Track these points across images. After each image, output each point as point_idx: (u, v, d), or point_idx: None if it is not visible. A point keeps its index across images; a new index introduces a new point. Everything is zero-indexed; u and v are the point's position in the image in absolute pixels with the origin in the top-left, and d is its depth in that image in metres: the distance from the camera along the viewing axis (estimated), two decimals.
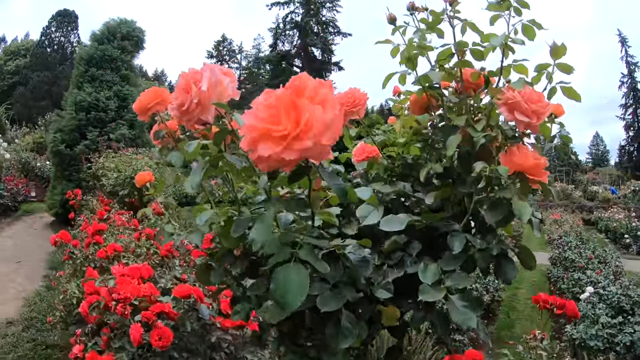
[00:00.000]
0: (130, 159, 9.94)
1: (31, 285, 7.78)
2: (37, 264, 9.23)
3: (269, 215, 1.17)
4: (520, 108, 1.34)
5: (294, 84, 1.09)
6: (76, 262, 4.88)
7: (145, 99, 1.55)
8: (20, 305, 6.80)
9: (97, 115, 13.02)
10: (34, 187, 18.65)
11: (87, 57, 13.95)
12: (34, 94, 51.80)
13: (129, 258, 4.58)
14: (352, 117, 1.71)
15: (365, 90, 1.71)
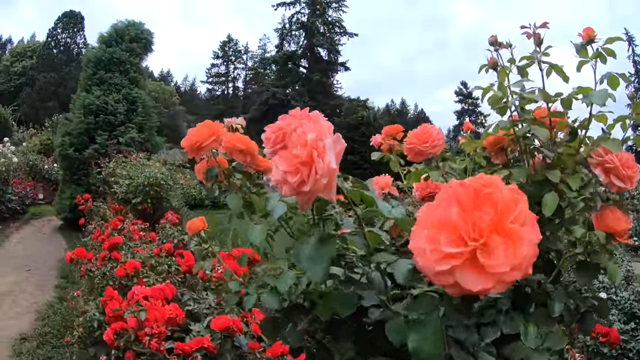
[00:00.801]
0: (142, 165, 9.77)
1: (43, 296, 7.60)
2: (47, 272, 9.07)
3: (435, 320, 0.99)
4: (618, 173, 1.29)
5: (489, 198, 0.79)
6: (94, 281, 4.70)
7: (199, 135, 1.35)
8: (34, 319, 6.62)
9: (106, 118, 12.87)
10: (42, 189, 18.66)
11: (95, 60, 13.81)
12: (40, 95, 52.24)
13: (149, 276, 4.40)
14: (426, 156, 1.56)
15: (437, 131, 1.58)
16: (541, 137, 1.35)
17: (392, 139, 1.96)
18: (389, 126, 1.98)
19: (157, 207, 8.98)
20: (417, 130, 1.58)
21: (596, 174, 1.31)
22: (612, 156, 1.28)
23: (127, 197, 8.76)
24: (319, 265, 0.99)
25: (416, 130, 1.57)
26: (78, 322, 4.29)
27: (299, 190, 0.93)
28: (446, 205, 0.77)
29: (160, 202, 8.98)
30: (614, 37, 1.44)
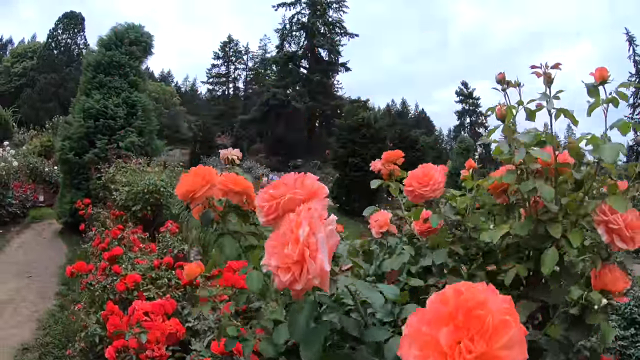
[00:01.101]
0: (142, 171, 9.75)
1: (44, 304, 7.60)
2: (48, 279, 9.04)
3: None
4: (621, 234, 1.27)
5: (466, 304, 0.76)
6: (94, 294, 4.70)
7: (191, 185, 1.32)
8: (35, 328, 6.61)
9: (106, 122, 12.81)
10: (42, 191, 18.60)
11: (95, 64, 13.76)
12: (41, 95, 52.42)
13: (149, 289, 4.40)
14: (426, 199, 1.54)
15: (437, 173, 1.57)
16: (546, 196, 1.33)
17: (392, 164, 1.96)
18: (389, 152, 1.99)
19: (157, 214, 8.96)
20: (417, 171, 1.55)
21: (598, 232, 1.29)
22: (617, 216, 1.25)
23: (126, 204, 8.73)
24: (313, 347, 0.97)
25: (416, 172, 1.55)
26: (80, 336, 4.29)
27: (291, 287, 0.91)
28: (435, 325, 0.74)
29: (160, 209, 8.96)
30: (628, 82, 1.46)
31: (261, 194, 1.15)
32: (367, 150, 23.65)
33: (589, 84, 1.48)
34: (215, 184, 1.33)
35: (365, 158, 23.40)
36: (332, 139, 26.10)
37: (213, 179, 1.33)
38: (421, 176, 1.53)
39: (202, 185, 1.31)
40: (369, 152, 23.52)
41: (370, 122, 24.10)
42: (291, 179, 1.13)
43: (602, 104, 1.46)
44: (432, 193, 1.50)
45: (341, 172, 24.69)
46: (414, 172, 1.57)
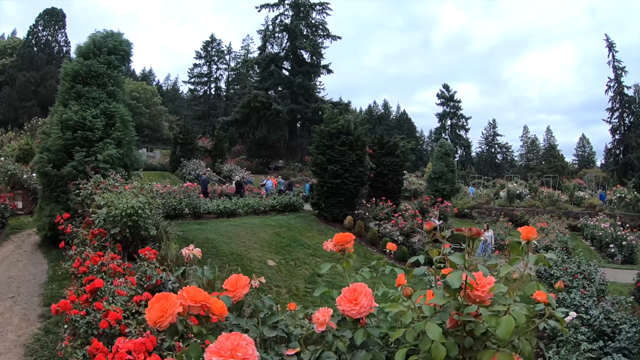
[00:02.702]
0: (119, 194, 9.74)
1: (28, 327, 7.66)
2: (31, 299, 9.08)
3: None
4: None
5: None
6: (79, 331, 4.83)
7: (157, 317, 1.60)
8: (22, 354, 6.68)
9: (84, 134, 12.66)
10: (20, 198, 18.40)
11: (73, 73, 13.56)
12: (20, 94, 51.48)
13: (130, 324, 4.54)
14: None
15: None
16: (434, 336, 1.55)
17: (343, 245, 2.17)
18: (340, 235, 2.19)
19: (135, 235, 9.00)
20: (347, 294, 1.82)
21: None
22: None
23: (105, 226, 8.72)
24: None
25: (347, 294, 1.82)
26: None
27: None
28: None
29: (138, 230, 8.97)
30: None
31: (207, 353, 1.48)
32: (346, 157, 23.67)
33: (513, 241, 1.72)
34: (175, 313, 1.60)
35: (345, 165, 23.55)
36: (312, 145, 25.92)
37: (174, 309, 1.60)
38: (350, 299, 1.79)
39: (166, 317, 1.59)
40: (348, 159, 23.64)
41: (349, 129, 23.97)
42: (228, 346, 1.49)
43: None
44: (359, 314, 1.77)
45: (320, 179, 24.50)
46: (345, 292, 1.82)
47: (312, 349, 1.84)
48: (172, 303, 1.59)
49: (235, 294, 1.95)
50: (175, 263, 7.98)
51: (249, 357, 1.45)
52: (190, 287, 1.69)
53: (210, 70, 69.76)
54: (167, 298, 1.61)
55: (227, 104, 65.96)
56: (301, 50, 55.09)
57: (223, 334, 1.52)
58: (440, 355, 1.49)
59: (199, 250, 2.31)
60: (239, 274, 2.04)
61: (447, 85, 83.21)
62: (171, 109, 76.26)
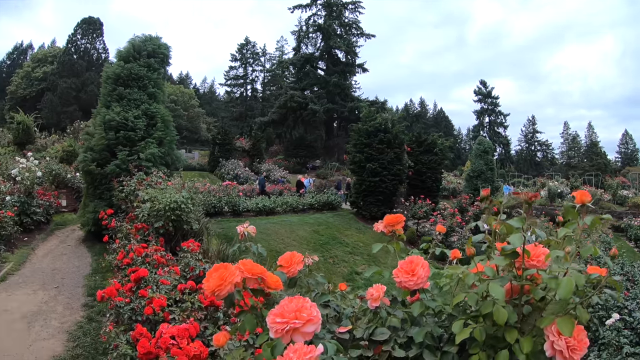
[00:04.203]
0: (163, 189, 10.03)
1: (72, 315, 7.89)
2: (75, 289, 9.37)
3: None
4: (562, 355, 1.42)
5: None
6: (123, 317, 4.98)
7: (216, 286, 1.59)
8: (65, 340, 6.88)
9: (126, 134, 13.17)
10: (65, 196, 19.12)
11: (114, 76, 14.11)
12: (61, 99, 53.89)
13: (174, 312, 4.65)
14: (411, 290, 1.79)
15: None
16: (498, 296, 1.50)
17: (393, 226, 2.15)
18: (390, 216, 2.16)
19: (178, 228, 9.24)
20: (404, 265, 1.77)
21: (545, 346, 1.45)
22: (562, 341, 1.42)
23: (149, 220, 9.02)
24: None
25: (404, 265, 1.77)
26: (112, 355, 4.56)
27: None
28: None
29: (181, 224, 9.20)
30: None
31: (270, 316, 1.47)
32: (384, 155, 23.43)
33: (567, 205, 1.64)
34: (234, 282, 1.59)
35: (383, 163, 23.37)
36: (350, 143, 25.68)
37: (232, 278, 1.59)
38: (407, 270, 1.74)
39: (225, 286, 1.58)
40: (386, 157, 23.42)
41: (387, 127, 23.59)
42: (292, 308, 1.48)
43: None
44: (416, 286, 1.73)
45: (358, 177, 24.36)
46: (402, 264, 1.77)
47: (365, 326, 1.82)
48: (231, 272, 1.60)
49: (290, 270, 1.95)
50: (217, 257, 8.13)
51: (314, 319, 1.46)
52: (247, 260, 1.71)
53: (246, 72, 70.47)
54: (226, 267, 1.62)
55: (264, 105, 66.56)
56: (336, 50, 54.91)
57: (285, 298, 1.53)
58: (502, 319, 1.46)
59: (254, 227, 2.31)
60: (294, 252, 2.05)
61: (484, 82, 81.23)
62: (208, 111, 77.34)
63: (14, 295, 8.80)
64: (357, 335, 1.78)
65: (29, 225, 14.18)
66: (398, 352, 1.65)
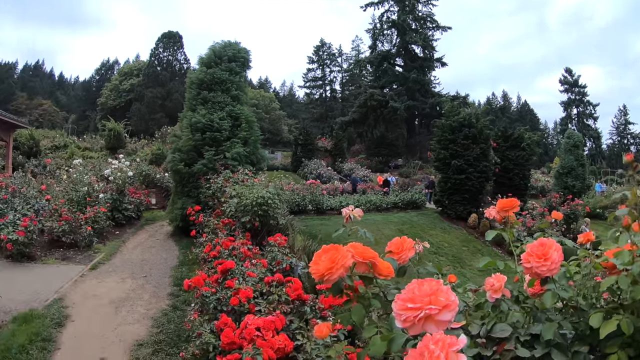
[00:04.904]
0: (250, 186, 10.26)
1: (158, 303, 8.18)
2: (161, 280, 9.73)
3: None
4: None
5: None
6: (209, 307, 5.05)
7: (326, 268, 1.44)
8: (149, 325, 7.12)
9: (212, 135, 13.72)
10: (154, 195, 20.55)
11: (198, 82, 14.79)
12: (148, 108, 58.30)
13: (260, 304, 4.65)
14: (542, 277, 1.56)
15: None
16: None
17: (507, 212, 1.97)
18: (504, 200, 1.99)
19: (264, 224, 9.39)
20: (535, 248, 1.54)
21: None
22: None
23: (236, 215, 9.27)
24: None
25: (534, 249, 1.54)
26: (195, 343, 4.63)
27: None
28: None
29: (267, 219, 9.36)
30: None
31: (398, 302, 1.27)
32: (469, 151, 22.28)
33: None
34: (346, 265, 1.43)
35: (469, 160, 22.22)
36: (434, 139, 24.83)
37: (345, 261, 1.43)
38: (539, 254, 1.51)
39: (337, 269, 1.43)
40: (472, 153, 22.28)
41: (471, 122, 22.49)
42: (426, 291, 1.25)
43: None
44: (549, 272, 1.50)
45: (443, 175, 23.30)
46: (532, 247, 1.55)
47: (480, 322, 1.61)
48: (343, 254, 1.43)
49: (401, 257, 1.73)
50: (303, 252, 8.16)
51: (451, 304, 1.22)
52: (356, 243, 1.54)
53: (323, 73, 70.97)
54: (337, 249, 1.46)
55: (344, 105, 66.56)
56: (412, 45, 53.59)
57: (414, 280, 1.33)
58: None
59: (360, 210, 2.11)
60: (404, 237, 1.83)
61: (569, 69, 74.30)
62: (289, 113, 78.61)
63: (104, 283, 9.30)
64: (472, 332, 1.58)
65: (121, 221, 15.26)
66: (522, 351, 1.42)
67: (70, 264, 10.64)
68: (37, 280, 9.15)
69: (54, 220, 11.83)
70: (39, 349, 6.01)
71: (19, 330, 6.37)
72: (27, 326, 6.55)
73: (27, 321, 6.74)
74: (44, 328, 6.61)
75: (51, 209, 12.38)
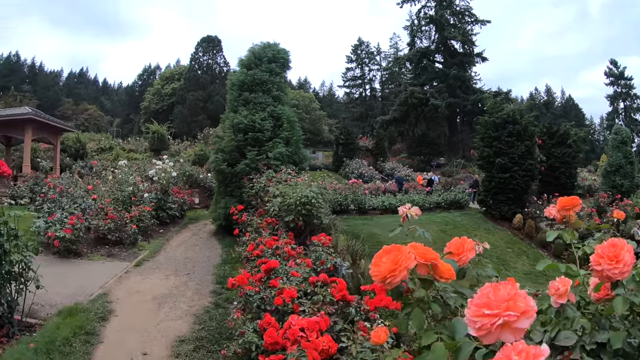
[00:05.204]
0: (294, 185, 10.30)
1: (200, 300, 8.27)
2: (204, 277, 9.87)
3: None
4: None
5: None
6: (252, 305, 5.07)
7: (388, 270, 1.38)
8: (191, 322, 7.21)
9: (254, 135, 13.85)
10: (197, 194, 21.06)
11: (239, 83, 14.96)
12: (190, 111, 60.23)
13: (304, 304, 4.64)
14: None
15: None
16: None
17: (567, 211, 1.90)
18: (564, 199, 1.92)
19: (307, 223, 9.42)
20: (606, 249, 1.47)
21: None
22: None
23: (279, 214, 9.36)
24: None
25: (605, 250, 1.47)
26: (237, 342, 4.67)
27: None
28: None
29: (311, 218, 9.39)
30: None
31: (472, 308, 1.21)
32: (514, 148, 21.38)
33: None
34: (409, 267, 1.38)
35: (513, 158, 21.36)
36: (477, 137, 24.05)
37: (408, 263, 1.37)
38: (611, 256, 1.43)
39: (400, 270, 1.37)
40: (516, 150, 21.36)
41: (515, 118, 21.59)
42: (503, 296, 1.18)
43: None
44: (620, 275, 1.42)
45: (487, 174, 22.53)
46: (603, 249, 1.47)
47: (542, 328, 1.52)
48: (406, 256, 1.37)
49: (461, 258, 1.67)
50: (347, 252, 8.13)
51: (530, 310, 1.14)
52: (417, 244, 1.48)
53: (362, 72, 70.82)
54: (400, 250, 1.39)
55: (384, 104, 66.17)
56: (451, 41, 52.63)
57: (487, 284, 1.26)
58: None
59: (418, 208, 2.07)
60: (464, 237, 1.78)
61: (614, 61, 69.67)
62: (329, 113, 78.68)
63: (148, 279, 9.52)
64: (535, 340, 1.49)
65: (165, 219, 15.68)
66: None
67: (115, 260, 11.01)
68: (82, 275, 9.51)
69: (100, 218, 12.36)
70: (82, 342, 6.17)
71: (63, 323, 6.55)
72: (71, 319, 6.74)
73: (72, 314, 6.94)
74: (88, 322, 6.81)
75: (97, 208, 12.95)
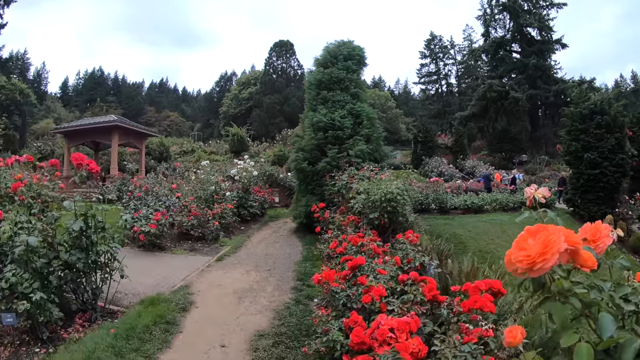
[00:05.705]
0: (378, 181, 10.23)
1: (280, 296, 8.31)
2: (285, 273, 9.96)
3: None
4: None
5: None
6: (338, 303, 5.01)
7: (537, 254, 1.20)
8: (271, 317, 7.24)
9: (335, 133, 13.92)
10: (277, 193, 21.84)
11: (316, 82, 15.09)
12: (267, 113, 62.24)
13: (393, 303, 4.52)
14: None
15: None
16: None
17: None
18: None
19: (392, 221, 9.32)
20: None
21: None
22: None
23: (363, 211, 9.32)
24: None
25: None
26: (321, 340, 4.65)
27: None
28: None
29: (396, 216, 9.28)
30: None
31: None
32: (603, 142, 19.36)
33: None
34: (561, 251, 1.21)
35: (603, 152, 19.33)
36: (563, 130, 21.97)
37: (560, 246, 1.19)
38: None
39: (552, 254, 1.18)
40: (606, 144, 19.32)
41: (604, 108, 19.61)
42: None
43: None
44: None
45: (575, 170, 20.51)
46: None
47: None
48: (557, 237, 1.20)
49: (598, 245, 1.50)
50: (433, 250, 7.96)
51: None
52: (557, 226, 1.32)
53: (437, 67, 68.89)
54: (548, 230, 1.23)
55: (461, 99, 63.99)
56: (527, 28, 49.67)
57: None
58: None
59: (546, 190, 1.88)
60: (597, 221, 1.59)
61: None
62: (405, 111, 77.71)
63: (229, 274, 9.74)
64: None
65: (246, 217, 16.26)
66: None
67: (197, 255, 11.49)
68: (165, 268, 9.96)
69: (184, 215, 13.09)
70: (162, 330, 6.37)
71: (145, 312, 6.82)
72: (153, 308, 7.00)
73: (154, 304, 7.21)
74: (169, 312, 7.05)
75: (181, 206, 13.74)
